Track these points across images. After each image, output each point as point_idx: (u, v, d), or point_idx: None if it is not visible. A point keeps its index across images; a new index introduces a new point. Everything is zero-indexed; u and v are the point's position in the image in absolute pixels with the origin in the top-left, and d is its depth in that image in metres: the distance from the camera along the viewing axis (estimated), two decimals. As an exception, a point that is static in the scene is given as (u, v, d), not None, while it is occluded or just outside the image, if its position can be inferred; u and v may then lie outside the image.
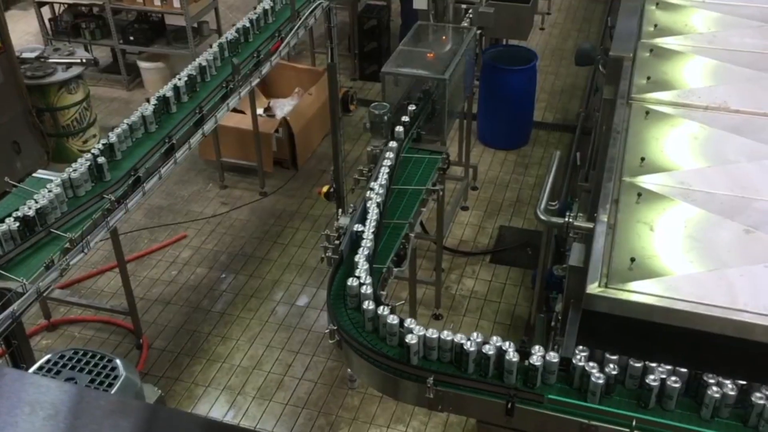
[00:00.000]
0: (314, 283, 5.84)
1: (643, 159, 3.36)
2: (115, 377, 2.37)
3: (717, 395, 2.39)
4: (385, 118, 4.60)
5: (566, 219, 3.22)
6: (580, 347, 2.58)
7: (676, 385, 2.44)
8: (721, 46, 4.30)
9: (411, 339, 2.71)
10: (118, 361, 2.40)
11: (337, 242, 3.76)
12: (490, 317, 5.51)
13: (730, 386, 2.40)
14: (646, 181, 3.23)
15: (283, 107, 7.52)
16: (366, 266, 3.21)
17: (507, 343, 2.65)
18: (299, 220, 6.56)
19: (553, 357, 2.58)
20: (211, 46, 5.13)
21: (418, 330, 2.73)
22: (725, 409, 2.42)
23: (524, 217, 6.49)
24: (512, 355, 2.60)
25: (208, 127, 4.47)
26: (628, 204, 3.10)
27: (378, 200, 3.73)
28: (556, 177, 3.70)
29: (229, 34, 5.29)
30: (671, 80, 4.00)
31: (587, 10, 10.14)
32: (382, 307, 2.89)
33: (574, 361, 2.56)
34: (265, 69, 4.93)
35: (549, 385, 2.62)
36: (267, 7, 5.65)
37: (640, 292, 2.66)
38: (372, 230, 3.50)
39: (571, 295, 3.01)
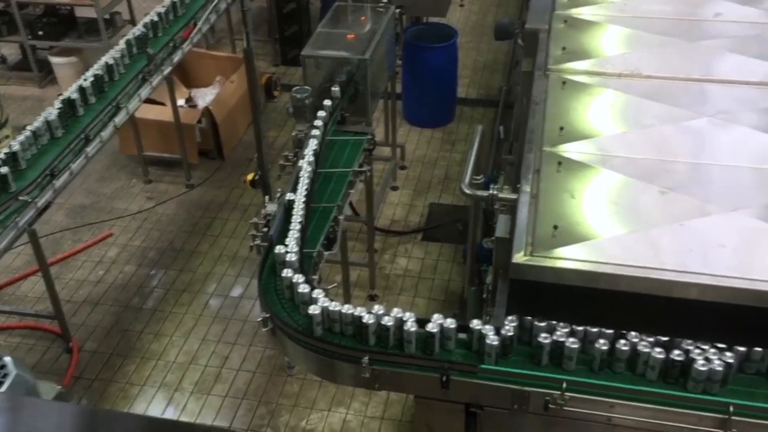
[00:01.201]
0: (247, 273, 5.76)
1: (561, 128, 3.42)
2: (5, 375, 2.30)
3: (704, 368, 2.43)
4: (308, 101, 4.55)
5: (490, 192, 3.25)
6: (509, 317, 2.61)
7: (604, 348, 2.49)
8: (633, 14, 4.41)
9: (314, 310, 2.71)
10: (6, 359, 2.34)
11: (265, 229, 3.72)
12: (425, 294, 5.55)
13: (653, 345, 2.47)
14: (565, 150, 3.29)
15: (204, 97, 7.37)
16: (296, 242, 3.17)
17: (437, 316, 2.66)
18: (228, 210, 6.45)
19: (451, 324, 2.59)
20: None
21: (322, 302, 2.74)
22: (654, 370, 2.49)
23: (453, 193, 6.55)
24: (449, 324, 2.61)
25: (120, 119, 4.31)
26: (549, 173, 3.15)
27: (305, 183, 3.69)
28: (479, 151, 3.72)
29: (143, 24, 5.13)
30: (586, 49, 4.08)
31: (505, -15, 10.25)
32: (302, 281, 2.86)
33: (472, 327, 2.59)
34: (177, 57, 4.79)
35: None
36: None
37: (564, 258, 2.72)
38: (300, 216, 3.47)
39: (499, 266, 3.05)
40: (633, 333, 2.51)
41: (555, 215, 2.91)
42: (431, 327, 2.60)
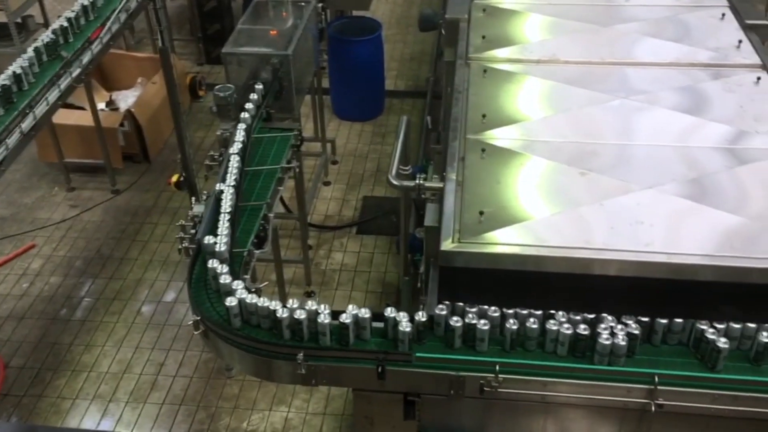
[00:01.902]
0: (180, 277, 5.65)
1: (484, 116, 3.47)
2: None
3: (568, 332, 2.50)
4: (231, 100, 4.48)
5: (417, 182, 3.27)
6: (439, 305, 2.63)
7: (534, 326, 2.54)
8: (549, 2, 4.50)
9: (230, 302, 2.71)
10: None
11: (193, 231, 3.64)
12: (361, 287, 5.55)
13: (579, 323, 2.52)
14: (488, 137, 3.34)
15: (126, 99, 7.18)
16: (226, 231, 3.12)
17: (363, 310, 2.65)
18: (157, 214, 6.31)
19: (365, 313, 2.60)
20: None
21: (240, 293, 2.74)
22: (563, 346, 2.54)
23: (386, 186, 6.53)
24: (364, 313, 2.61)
25: (27, 125, 4.12)
26: (473, 160, 3.19)
27: (232, 184, 3.63)
28: (405, 142, 3.74)
29: (54, 27, 4.94)
30: (505, 37, 4.15)
31: (427, -23, 10.32)
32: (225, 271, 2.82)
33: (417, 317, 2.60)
34: (87, 58, 4.62)
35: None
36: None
37: (491, 242, 2.76)
38: (227, 216, 3.41)
39: (430, 254, 3.07)
40: (553, 312, 2.55)
41: (481, 201, 2.95)
42: (344, 318, 2.60)
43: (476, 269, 2.76)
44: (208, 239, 3.14)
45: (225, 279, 2.84)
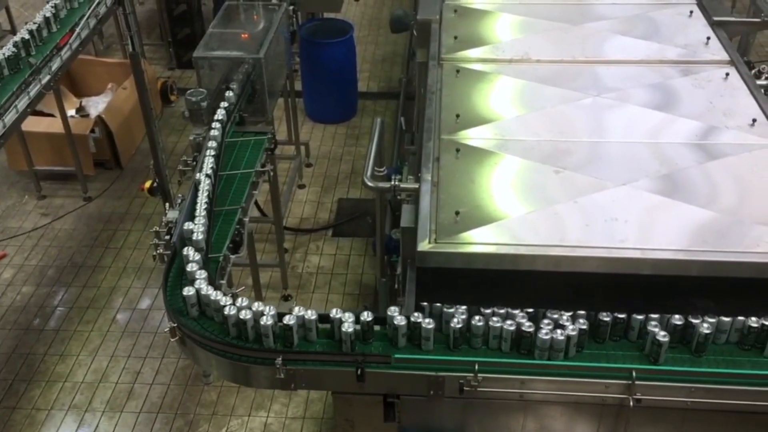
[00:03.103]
0: (155, 283, 5.59)
1: (458, 116, 3.48)
2: None
3: (546, 337, 2.50)
4: (203, 104, 4.45)
5: (392, 183, 3.26)
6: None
7: (511, 328, 2.53)
8: (520, 1, 4.53)
9: (187, 291, 2.76)
10: None
11: (167, 237, 3.61)
12: (338, 290, 5.54)
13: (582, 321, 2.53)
14: (462, 137, 3.35)
15: (97, 105, 7.09)
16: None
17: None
18: (130, 221, 6.24)
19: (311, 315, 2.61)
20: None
21: (199, 283, 2.79)
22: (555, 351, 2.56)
23: (361, 187, 6.56)
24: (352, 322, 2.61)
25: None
26: (448, 161, 3.20)
27: (206, 188, 3.60)
28: (379, 144, 3.73)
29: (22, 32, 4.87)
30: (477, 38, 4.16)
31: (398, -22, 10.33)
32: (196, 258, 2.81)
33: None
34: (56, 64, 4.56)
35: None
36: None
37: (466, 242, 2.76)
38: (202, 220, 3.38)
39: (407, 255, 3.07)
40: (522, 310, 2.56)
41: (456, 201, 2.95)
42: (288, 320, 2.60)
43: (453, 269, 2.76)
44: (187, 225, 3.18)
45: (192, 267, 2.86)
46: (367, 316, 2.58)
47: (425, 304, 2.66)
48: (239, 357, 2.72)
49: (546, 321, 2.50)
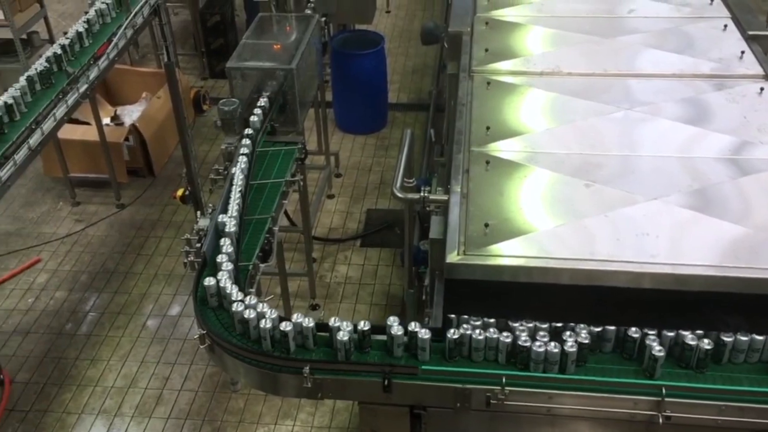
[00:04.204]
0: (185, 291, 5.66)
1: (488, 128, 3.48)
2: None
3: (572, 349, 2.49)
4: (236, 114, 4.51)
5: (422, 194, 3.27)
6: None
7: (540, 350, 2.51)
8: (550, 14, 4.52)
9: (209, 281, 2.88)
10: None
11: (198, 245, 3.65)
12: (366, 300, 5.55)
13: (584, 335, 2.52)
14: (493, 149, 3.35)
15: (131, 114, 7.22)
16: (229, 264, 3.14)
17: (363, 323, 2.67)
18: (162, 228, 6.33)
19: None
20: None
21: (221, 275, 2.94)
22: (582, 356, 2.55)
23: (390, 198, 6.57)
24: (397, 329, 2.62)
25: (35, 140, 4.15)
26: (478, 172, 3.20)
27: (238, 196, 3.65)
28: (409, 155, 3.74)
29: (60, 41, 4.98)
30: (508, 50, 4.16)
31: (429, -10, 10.37)
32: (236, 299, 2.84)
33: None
34: (94, 74, 4.66)
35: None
36: (103, 6, 5.34)
37: (496, 254, 2.76)
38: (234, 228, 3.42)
39: (435, 267, 3.07)
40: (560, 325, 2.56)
41: (486, 213, 2.95)
42: (285, 326, 2.65)
43: (482, 281, 2.76)
44: (222, 217, 3.38)
45: (222, 258, 3.04)
46: (364, 325, 2.61)
47: (453, 316, 2.66)
48: (267, 365, 2.74)
49: (568, 334, 2.48)
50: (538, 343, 2.49)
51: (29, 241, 6.20)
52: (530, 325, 2.56)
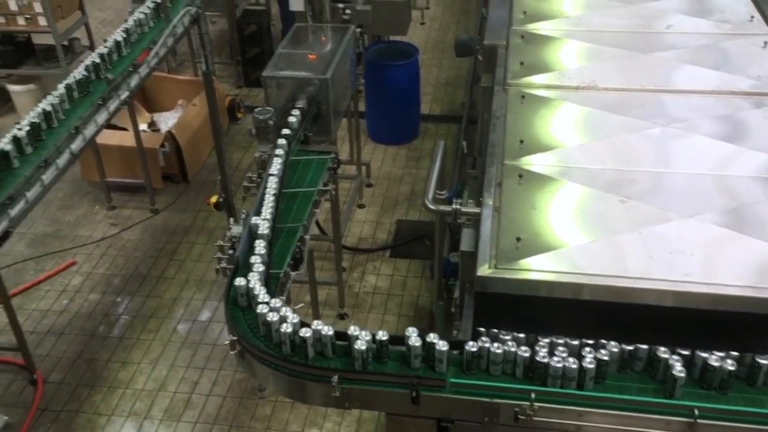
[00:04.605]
0: (215, 296, 5.71)
1: (522, 142, 3.47)
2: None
3: (591, 365, 2.46)
4: (270, 122, 4.55)
5: (454, 206, 3.27)
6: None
7: (574, 366, 2.49)
8: (587, 28, 4.50)
9: (239, 281, 2.72)
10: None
11: (230, 252, 3.69)
12: (394, 311, 5.55)
13: (615, 350, 2.50)
14: (526, 163, 3.34)
15: (167, 121, 7.33)
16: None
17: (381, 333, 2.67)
18: (194, 234, 6.40)
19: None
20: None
21: (252, 275, 3.00)
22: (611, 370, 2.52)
23: (420, 209, 6.58)
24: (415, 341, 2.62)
25: (77, 146, 4.24)
26: (510, 186, 3.19)
27: (270, 204, 3.68)
28: (441, 167, 3.75)
29: (101, 49, 5.07)
30: (543, 64, 4.15)
31: (465, 2, 10.39)
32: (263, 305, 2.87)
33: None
34: (135, 81, 4.75)
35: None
36: (142, 16, 5.44)
37: (528, 269, 2.74)
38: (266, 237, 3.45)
39: (465, 280, 3.07)
40: (593, 342, 2.53)
41: (518, 227, 2.94)
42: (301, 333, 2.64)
43: (513, 295, 2.75)
44: (255, 219, 3.45)
45: (255, 258, 3.10)
46: (382, 335, 2.60)
47: (482, 329, 2.65)
48: (296, 373, 2.76)
49: (604, 352, 2.47)
50: (556, 359, 2.46)
51: (65, 243, 6.31)
52: (560, 341, 2.54)
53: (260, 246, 3.29)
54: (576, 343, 2.53)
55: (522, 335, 2.60)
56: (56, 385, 5.03)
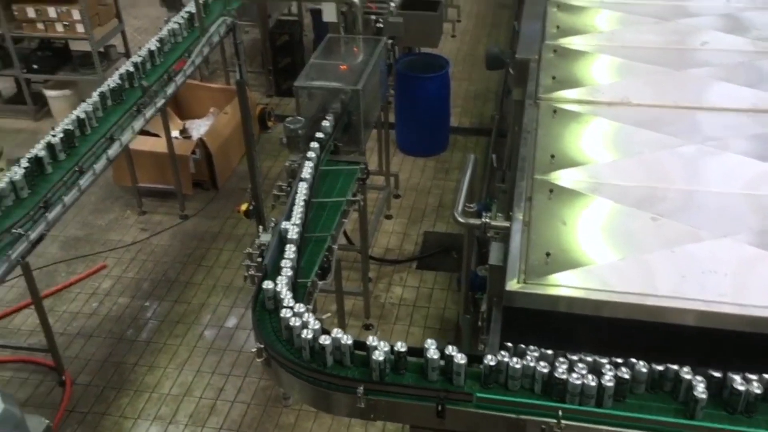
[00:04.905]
0: (242, 303, 5.75)
1: (553, 156, 3.45)
2: (-7, 410, 2.30)
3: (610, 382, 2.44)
4: (301, 132, 4.59)
5: (483, 220, 3.26)
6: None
7: (610, 383, 2.47)
8: (620, 44, 4.47)
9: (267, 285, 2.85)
10: (-6, 394, 2.33)
11: (259, 259, 3.71)
12: (420, 323, 5.54)
13: (643, 369, 2.47)
14: (556, 178, 3.32)
15: (199, 128, 7.41)
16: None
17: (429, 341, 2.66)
18: (223, 240, 6.45)
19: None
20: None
21: (281, 279, 3.04)
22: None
23: (448, 221, 6.57)
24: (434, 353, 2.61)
25: (113, 152, 4.32)
26: (540, 201, 3.17)
27: (299, 213, 3.70)
28: (471, 179, 3.74)
29: (137, 56, 5.16)
30: (576, 78, 4.13)
31: (496, 15, 10.38)
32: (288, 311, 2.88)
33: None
34: (171, 89, 4.82)
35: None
36: (175, 26, 5.54)
37: (557, 284, 2.73)
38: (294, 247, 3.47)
39: (493, 294, 3.06)
40: (624, 360, 2.50)
41: (547, 242, 2.92)
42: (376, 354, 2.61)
43: (541, 311, 2.73)
44: (285, 224, 3.51)
45: (287, 262, 3.17)
46: (400, 346, 2.60)
47: (509, 344, 2.64)
48: (322, 383, 2.76)
49: (608, 368, 2.45)
50: (575, 375, 2.44)
51: (96, 247, 6.40)
52: (589, 359, 2.52)
53: (290, 251, 3.32)
54: (605, 361, 2.51)
55: (549, 351, 2.58)
56: (84, 387, 5.09)
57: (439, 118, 7.47)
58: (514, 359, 2.51)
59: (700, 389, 2.39)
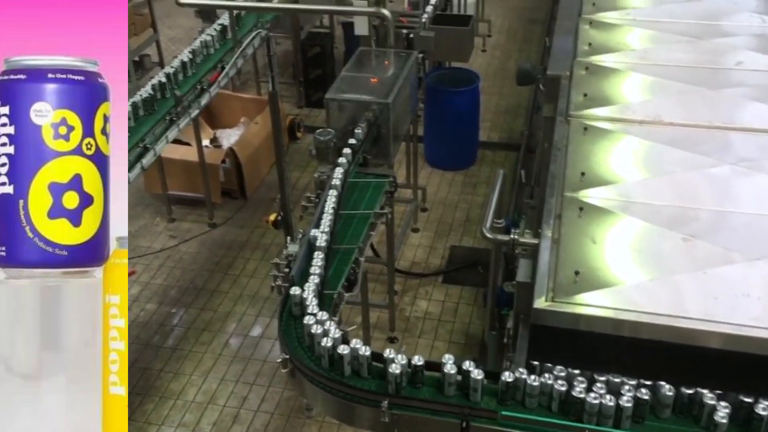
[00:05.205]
0: (268, 313, 5.78)
1: (583, 174, 3.43)
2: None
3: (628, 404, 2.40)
4: (331, 144, 4.61)
5: (511, 236, 3.25)
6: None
7: (629, 405, 2.44)
8: (653, 62, 4.44)
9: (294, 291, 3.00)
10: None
11: (286, 270, 3.74)
12: (444, 337, 5.52)
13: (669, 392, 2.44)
14: (586, 196, 3.30)
15: (229, 137, 7.48)
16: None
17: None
18: (250, 250, 6.50)
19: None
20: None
21: (309, 285, 3.11)
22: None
23: (474, 236, 6.55)
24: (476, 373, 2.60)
25: (147, 160, 4.39)
26: (570, 218, 3.15)
27: (327, 226, 3.72)
28: (500, 195, 3.74)
29: (171, 66, 5.25)
30: (607, 96, 4.11)
31: (527, 31, 10.37)
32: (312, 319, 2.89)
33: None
34: (205, 100, 4.89)
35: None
36: (208, 38, 5.63)
37: (586, 304, 2.70)
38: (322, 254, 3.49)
39: (521, 311, 3.04)
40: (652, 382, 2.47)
41: (576, 261, 2.90)
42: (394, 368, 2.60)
43: (569, 330, 2.71)
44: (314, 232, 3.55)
45: (315, 269, 3.22)
46: (417, 360, 2.60)
47: (536, 363, 2.62)
48: (346, 395, 2.77)
49: (627, 388, 2.43)
50: (593, 395, 2.41)
51: (126, 253, 6.47)
52: (617, 380, 2.49)
53: (318, 257, 3.34)
54: (633, 383, 2.48)
55: (576, 371, 2.56)
56: (110, 392, 5.14)
57: (468, 133, 7.47)
58: (541, 378, 2.49)
59: (722, 414, 2.35)
